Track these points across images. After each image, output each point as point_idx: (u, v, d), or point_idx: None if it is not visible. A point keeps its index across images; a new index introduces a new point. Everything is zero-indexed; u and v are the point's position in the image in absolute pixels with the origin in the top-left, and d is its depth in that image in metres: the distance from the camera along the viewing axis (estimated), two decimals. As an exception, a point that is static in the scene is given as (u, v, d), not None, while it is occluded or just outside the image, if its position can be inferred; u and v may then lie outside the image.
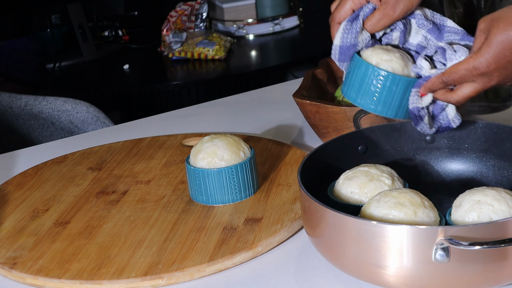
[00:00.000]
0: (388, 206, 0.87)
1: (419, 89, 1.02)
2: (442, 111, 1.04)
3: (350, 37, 1.05)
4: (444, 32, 1.06)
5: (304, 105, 1.25)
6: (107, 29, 2.72)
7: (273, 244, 1.00)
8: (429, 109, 1.04)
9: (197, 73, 2.45)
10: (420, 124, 1.03)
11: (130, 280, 0.93)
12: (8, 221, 1.11)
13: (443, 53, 1.01)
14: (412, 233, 0.80)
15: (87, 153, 1.34)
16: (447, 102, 1.02)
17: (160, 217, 1.08)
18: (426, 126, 1.03)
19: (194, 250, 0.98)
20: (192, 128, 1.45)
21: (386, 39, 1.08)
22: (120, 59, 2.55)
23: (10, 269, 0.98)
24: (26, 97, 1.95)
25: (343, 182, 0.98)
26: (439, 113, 1.04)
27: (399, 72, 1.02)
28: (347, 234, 0.84)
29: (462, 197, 0.90)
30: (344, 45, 1.06)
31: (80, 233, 1.05)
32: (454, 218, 0.89)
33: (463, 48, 1.00)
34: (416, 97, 1.02)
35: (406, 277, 0.82)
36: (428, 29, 1.06)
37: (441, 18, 1.07)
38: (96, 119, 1.88)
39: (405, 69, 1.03)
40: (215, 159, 1.09)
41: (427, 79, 1.01)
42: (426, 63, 1.02)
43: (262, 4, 2.67)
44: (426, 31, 1.06)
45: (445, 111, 1.04)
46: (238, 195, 1.10)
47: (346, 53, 1.06)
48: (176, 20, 2.56)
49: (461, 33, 1.05)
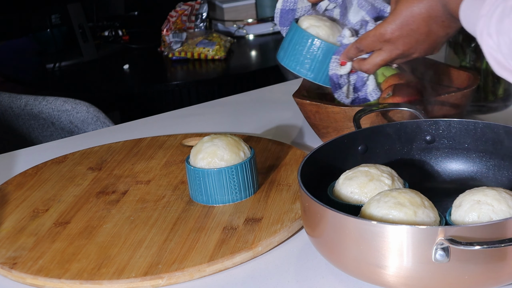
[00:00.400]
0: (388, 206, 0.87)
1: (339, 57, 1.12)
2: (364, 85, 1.15)
3: (290, 2, 1.17)
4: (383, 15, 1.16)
5: (304, 105, 1.25)
6: (107, 29, 2.72)
7: (273, 244, 1.00)
8: (349, 79, 1.14)
9: (197, 73, 2.45)
10: (338, 92, 1.14)
11: (130, 280, 0.93)
12: (8, 221, 1.11)
13: (366, 25, 1.12)
14: (412, 233, 0.80)
15: (87, 153, 1.34)
16: (360, 70, 1.12)
17: (160, 217, 1.08)
18: (344, 94, 1.14)
19: (194, 250, 0.98)
20: (192, 128, 1.45)
21: (328, 14, 1.19)
22: (120, 59, 2.55)
23: (10, 269, 0.98)
24: (26, 97, 1.95)
25: (343, 182, 0.97)
26: (361, 86, 1.15)
27: (324, 38, 1.14)
28: (347, 234, 0.84)
29: (462, 197, 0.90)
30: (284, 8, 1.18)
31: (80, 233, 1.05)
32: (454, 218, 0.88)
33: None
34: (336, 63, 1.13)
35: (406, 277, 0.82)
36: (367, 10, 1.14)
37: (382, 3, 1.15)
38: (96, 119, 1.88)
39: (331, 37, 1.14)
40: (215, 159, 1.09)
41: (346, 47, 1.11)
42: (348, 32, 1.12)
43: (262, 4, 2.67)
44: (365, 13, 1.14)
45: (366, 84, 1.15)
46: (238, 195, 1.10)
47: (285, 17, 1.19)
48: (176, 20, 2.56)
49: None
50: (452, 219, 0.89)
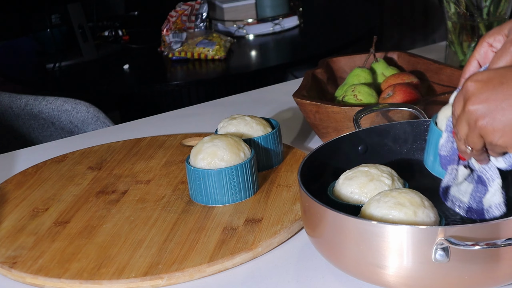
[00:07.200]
0: (388, 206, 0.87)
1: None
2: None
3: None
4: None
5: (304, 105, 1.25)
6: (107, 29, 2.72)
7: (273, 245, 1.00)
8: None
9: (197, 73, 2.44)
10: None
11: (130, 280, 0.93)
12: (8, 220, 1.11)
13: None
14: (412, 233, 0.80)
15: (87, 152, 1.34)
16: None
17: (160, 217, 1.08)
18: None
19: (194, 251, 0.98)
20: (192, 128, 1.45)
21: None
22: (120, 59, 2.55)
23: (10, 269, 0.98)
24: (26, 97, 1.95)
25: (343, 182, 0.97)
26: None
27: None
28: (347, 234, 0.84)
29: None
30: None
31: (80, 233, 1.05)
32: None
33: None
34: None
35: (406, 277, 0.82)
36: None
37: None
38: (96, 119, 1.88)
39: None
40: (215, 160, 1.09)
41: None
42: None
43: (262, 4, 2.67)
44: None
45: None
46: (238, 195, 1.10)
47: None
48: (176, 20, 2.55)
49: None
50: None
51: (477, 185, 0.89)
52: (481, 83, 0.78)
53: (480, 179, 0.88)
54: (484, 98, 0.77)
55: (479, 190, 0.89)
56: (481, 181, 0.88)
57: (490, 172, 0.87)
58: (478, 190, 0.89)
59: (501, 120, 0.77)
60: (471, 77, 0.79)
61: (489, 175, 0.87)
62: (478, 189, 0.89)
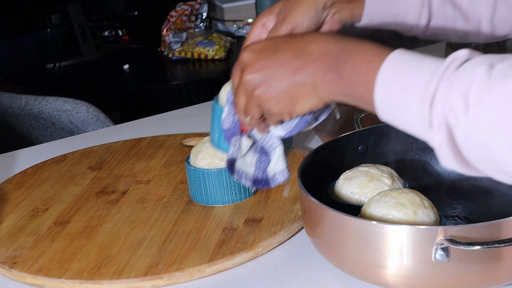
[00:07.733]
0: (388, 206, 0.87)
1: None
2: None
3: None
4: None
5: (304, 105, 1.24)
6: (107, 29, 2.72)
7: (273, 245, 1.00)
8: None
9: (197, 73, 2.45)
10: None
11: (130, 280, 0.93)
12: (8, 220, 1.11)
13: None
14: (412, 233, 0.80)
15: (87, 152, 1.34)
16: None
17: (160, 217, 1.08)
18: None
19: (194, 251, 0.98)
20: (192, 128, 1.45)
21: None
22: (120, 59, 2.55)
23: (10, 269, 0.98)
24: (26, 97, 1.95)
25: (343, 182, 0.97)
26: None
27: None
28: (347, 234, 0.84)
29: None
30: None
31: (80, 233, 1.05)
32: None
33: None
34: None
35: (406, 277, 0.82)
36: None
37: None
38: (96, 119, 1.88)
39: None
40: (215, 160, 1.09)
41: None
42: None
43: (262, 4, 2.67)
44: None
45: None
46: (238, 195, 1.10)
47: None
48: (176, 20, 2.55)
49: None
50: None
51: (261, 155, 0.92)
52: (256, 53, 0.80)
53: (263, 148, 0.91)
54: (259, 67, 0.79)
55: (263, 159, 0.92)
56: (264, 151, 0.91)
57: (271, 141, 0.90)
58: (262, 160, 0.92)
59: (275, 88, 0.78)
60: (247, 47, 0.81)
61: (270, 144, 0.90)
62: (262, 158, 0.92)
